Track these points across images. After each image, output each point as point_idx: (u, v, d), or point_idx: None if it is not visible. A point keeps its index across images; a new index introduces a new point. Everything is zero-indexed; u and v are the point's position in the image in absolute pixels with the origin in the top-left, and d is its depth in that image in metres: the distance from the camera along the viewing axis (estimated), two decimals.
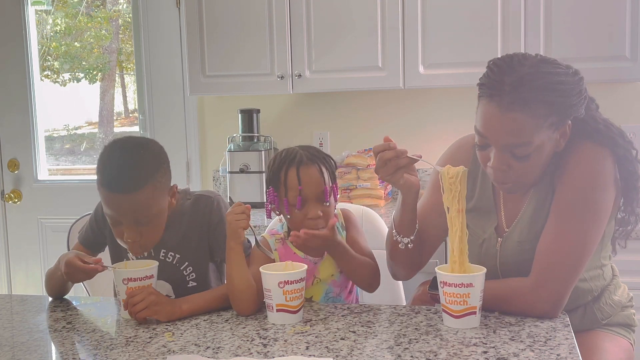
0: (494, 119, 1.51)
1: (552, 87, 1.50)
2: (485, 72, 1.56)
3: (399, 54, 2.95)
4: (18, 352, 1.48)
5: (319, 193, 1.76)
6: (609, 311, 1.73)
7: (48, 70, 4.03)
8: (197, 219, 1.83)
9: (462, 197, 1.52)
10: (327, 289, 1.84)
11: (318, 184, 1.76)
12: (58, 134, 4.14)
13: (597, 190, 1.57)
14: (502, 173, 1.56)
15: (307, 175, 1.75)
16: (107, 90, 4.19)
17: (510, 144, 1.51)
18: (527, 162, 1.53)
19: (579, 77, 1.56)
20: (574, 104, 1.54)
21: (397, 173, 1.57)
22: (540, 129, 1.50)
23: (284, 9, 3.06)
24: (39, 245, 3.75)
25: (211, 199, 1.86)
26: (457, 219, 1.52)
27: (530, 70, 1.50)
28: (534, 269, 1.56)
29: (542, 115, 1.49)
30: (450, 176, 1.53)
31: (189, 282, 1.85)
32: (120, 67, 4.18)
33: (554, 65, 1.54)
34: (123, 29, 4.06)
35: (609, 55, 2.77)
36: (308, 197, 1.75)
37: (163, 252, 1.82)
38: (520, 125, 1.49)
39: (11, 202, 3.76)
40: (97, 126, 4.20)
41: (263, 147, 3.28)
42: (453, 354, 1.36)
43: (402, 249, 1.69)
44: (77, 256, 1.71)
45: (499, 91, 1.50)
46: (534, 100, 1.48)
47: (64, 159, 4.12)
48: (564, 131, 1.56)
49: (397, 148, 1.56)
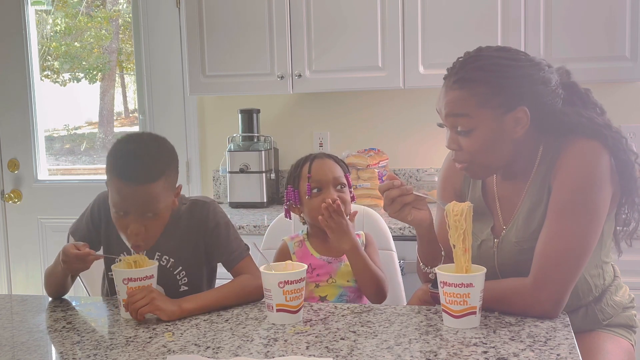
0: (442, 97, 1.63)
1: (491, 68, 1.58)
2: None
3: (399, 54, 2.95)
4: (18, 352, 1.48)
5: (335, 178, 1.87)
6: (610, 312, 1.73)
7: (48, 70, 4.03)
8: (193, 224, 1.84)
9: (467, 235, 1.52)
10: (341, 291, 1.86)
11: (332, 170, 1.88)
12: (58, 134, 4.13)
13: (594, 186, 1.57)
14: (456, 154, 1.63)
15: (321, 164, 1.89)
16: (107, 90, 4.19)
17: (451, 114, 1.59)
18: (470, 138, 1.58)
19: (538, 67, 1.60)
20: (528, 91, 1.57)
21: (404, 210, 1.61)
22: (483, 108, 1.56)
23: (284, 9, 3.06)
24: (39, 245, 3.75)
25: (207, 204, 1.87)
26: (464, 257, 1.52)
27: (477, 53, 1.62)
28: (534, 269, 1.56)
29: (481, 94, 1.56)
30: (455, 213, 1.52)
31: (181, 286, 1.85)
32: (120, 67, 4.18)
33: (508, 52, 1.63)
34: (123, 29, 4.06)
35: (609, 55, 2.77)
36: (323, 183, 1.86)
37: (158, 255, 1.82)
38: (459, 99, 1.58)
39: (11, 202, 3.76)
40: (97, 126, 4.20)
41: (263, 147, 3.28)
42: (453, 354, 1.36)
43: (434, 278, 1.69)
44: (72, 245, 1.72)
45: (449, 74, 1.62)
46: (472, 79, 1.57)
47: (64, 159, 4.11)
48: (518, 117, 1.58)
49: (402, 186, 1.59)
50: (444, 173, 1.85)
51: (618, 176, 1.61)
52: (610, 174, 1.59)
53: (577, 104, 1.66)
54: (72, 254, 1.69)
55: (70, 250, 1.69)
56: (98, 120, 4.20)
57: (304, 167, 1.90)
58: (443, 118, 1.63)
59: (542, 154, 1.65)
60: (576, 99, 1.67)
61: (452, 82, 1.59)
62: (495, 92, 1.56)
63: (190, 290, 1.82)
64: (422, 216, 1.64)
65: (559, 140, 1.62)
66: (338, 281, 1.88)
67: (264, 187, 3.26)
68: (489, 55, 1.61)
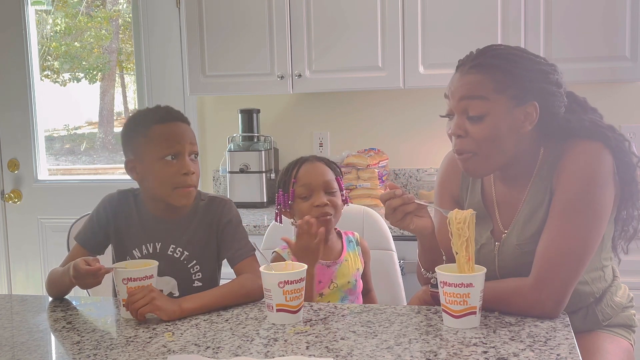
0: (455, 81, 1.62)
1: (510, 58, 1.59)
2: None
3: (399, 54, 2.95)
4: (18, 352, 1.48)
5: (325, 182, 1.84)
6: (610, 312, 1.73)
7: (48, 70, 4.03)
8: (208, 219, 1.86)
9: (470, 243, 1.51)
10: (342, 296, 1.86)
11: (322, 174, 1.85)
12: (58, 134, 4.14)
13: (597, 187, 1.57)
14: (460, 141, 1.60)
15: (311, 167, 1.86)
16: (107, 90, 4.19)
17: (466, 96, 1.58)
18: (481, 125, 1.57)
19: (552, 67, 1.63)
20: (541, 88, 1.58)
21: (406, 218, 1.60)
22: (498, 94, 1.56)
23: (284, 9, 3.06)
24: (39, 245, 3.74)
25: (224, 201, 1.90)
26: (467, 265, 1.51)
27: (494, 45, 1.65)
28: (535, 269, 1.55)
29: (499, 81, 1.56)
30: (458, 221, 1.52)
31: (195, 281, 1.85)
32: (120, 67, 4.18)
33: (524, 50, 1.67)
34: (123, 29, 4.06)
35: (609, 55, 2.77)
36: (313, 187, 1.84)
37: (172, 248, 1.83)
38: (475, 82, 1.58)
39: (11, 202, 3.76)
40: (97, 126, 4.20)
41: (263, 147, 3.28)
42: (453, 354, 1.36)
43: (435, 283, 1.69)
44: (83, 260, 1.70)
45: (464, 62, 1.62)
46: (491, 65, 1.58)
47: (64, 159, 4.12)
48: (528, 112, 1.58)
49: (403, 195, 1.58)
50: (441, 177, 1.84)
51: (619, 178, 1.61)
52: (613, 175, 1.59)
53: (577, 110, 1.66)
54: (83, 270, 1.66)
55: (81, 266, 1.67)
56: (98, 120, 4.21)
57: (294, 171, 1.88)
58: (455, 102, 1.60)
59: (543, 157, 1.65)
60: (575, 105, 1.67)
61: (468, 67, 1.59)
62: (511, 82, 1.56)
63: (204, 287, 1.82)
64: (424, 224, 1.63)
65: (560, 143, 1.62)
66: (339, 284, 1.87)
67: (264, 187, 3.26)
68: (506, 47, 1.65)
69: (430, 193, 3.04)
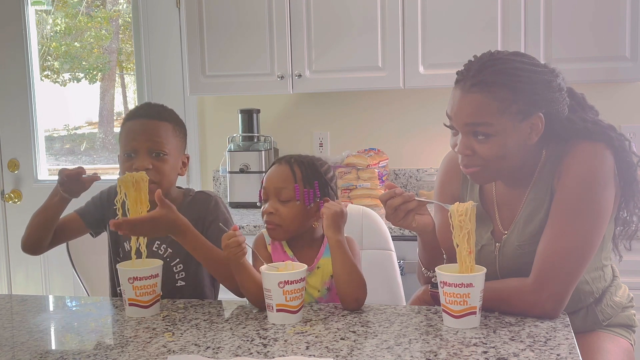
0: (457, 101, 1.58)
1: (512, 72, 1.54)
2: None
3: (399, 54, 2.95)
4: (18, 352, 1.48)
5: (277, 189, 1.77)
6: (610, 312, 1.73)
7: (48, 70, 4.03)
8: (192, 216, 1.81)
9: (472, 235, 1.51)
10: (311, 301, 1.79)
11: (278, 180, 1.77)
12: (58, 134, 4.14)
13: (598, 187, 1.56)
14: (467, 158, 1.59)
15: (274, 171, 1.80)
16: (107, 90, 4.20)
17: (471, 123, 1.55)
18: (488, 144, 1.55)
19: (554, 73, 1.59)
20: (545, 97, 1.56)
21: (407, 217, 1.59)
22: (503, 114, 1.53)
23: (284, 9, 3.06)
24: None
25: (210, 197, 1.87)
26: (469, 257, 1.51)
27: (494, 56, 1.58)
28: (535, 269, 1.55)
29: (503, 99, 1.53)
30: (460, 213, 1.51)
31: (178, 280, 1.84)
32: (120, 67, 4.18)
33: (524, 57, 1.61)
34: (123, 29, 4.06)
35: (609, 55, 2.77)
36: (268, 192, 1.79)
37: (157, 244, 1.83)
38: (479, 105, 1.54)
39: (11, 202, 3.76)
40: (97, 126, 4.20)
41: (263, 147, 3.28)
42: (453, 354, 1.36)
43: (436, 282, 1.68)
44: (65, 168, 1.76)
45: (464, 76, 1.58)
46: (493, 83, 1.54)
47: (64, 159, 4.12)
48: (533, 124, 1.57)
49: (403, 193, 1.57)
50: (441, 177, 1.84)
51: (620, 178, 1.61)
52: (614, 175, 1.59)
53: (576, 108, 1.66)
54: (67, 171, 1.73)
55: (69, 170, 1.73)
56: (98, 120, 4.21)
57: (266, 172, 1.84)
58: (459, 125, 1.58)
59: (545, 158, 1.65)
60: (575, 103, 1.67)
61: (469, 85, 1.55)
62: (516, 97, 1.53)
63: (187, 286, 1.82)
64: (425, 221, 1.62)
65: (562, 143, 1.62)
66: (309, 289, 1.75)
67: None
68: (507, 58, 1.57)
69: (431, 193, 3.04)
